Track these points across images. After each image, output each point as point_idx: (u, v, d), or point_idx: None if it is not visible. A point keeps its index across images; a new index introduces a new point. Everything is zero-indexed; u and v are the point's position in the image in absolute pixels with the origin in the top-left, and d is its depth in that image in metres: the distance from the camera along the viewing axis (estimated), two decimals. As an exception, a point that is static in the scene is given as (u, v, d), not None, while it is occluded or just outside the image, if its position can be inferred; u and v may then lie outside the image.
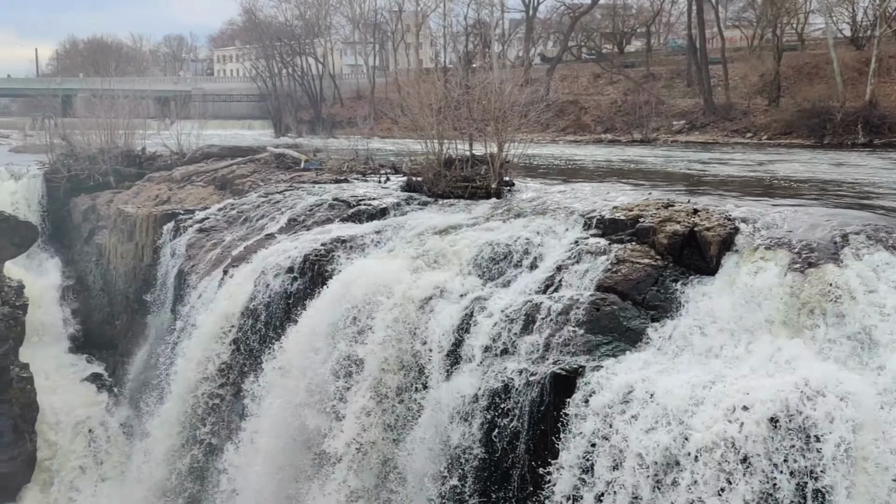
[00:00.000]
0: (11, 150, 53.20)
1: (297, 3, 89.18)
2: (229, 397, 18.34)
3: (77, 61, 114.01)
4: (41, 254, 33.15)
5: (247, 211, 24.07)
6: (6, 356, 24.18)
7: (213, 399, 18.72)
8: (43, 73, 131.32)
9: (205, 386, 18.85)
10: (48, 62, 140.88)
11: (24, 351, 25.43)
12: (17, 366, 24.56)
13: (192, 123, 44.37)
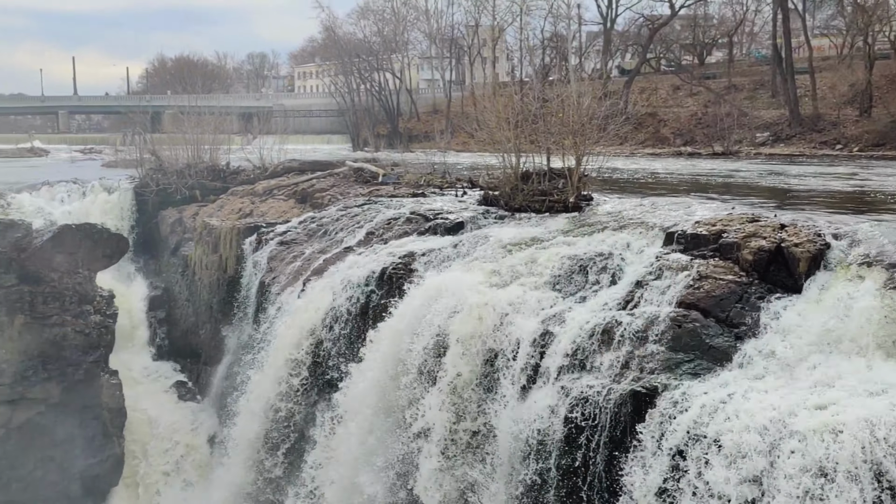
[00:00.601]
0: (104, 165, 55.50)
1: (375, 20, 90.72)
2: (307, 408, 18.63)
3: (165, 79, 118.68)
4: (130, 265, 34.40)
5: (326, 224, 24.48)
6: (97, 363, 25.18)
7: (292, 408, 19.05)
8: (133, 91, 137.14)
9: (283, 395, 19.22)
10: (138, 80, 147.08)
11: (113, 358, 26.43)
12: (107, 372, 25.54)
13: (274, 138, 45.49)
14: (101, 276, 28.66)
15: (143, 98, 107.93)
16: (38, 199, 35.73)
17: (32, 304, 24.70)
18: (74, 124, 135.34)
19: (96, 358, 25.12)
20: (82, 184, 38.27)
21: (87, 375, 24.77)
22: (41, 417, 24.26)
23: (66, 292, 25.41)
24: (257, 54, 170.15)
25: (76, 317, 25.15)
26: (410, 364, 15.23)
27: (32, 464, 23.88)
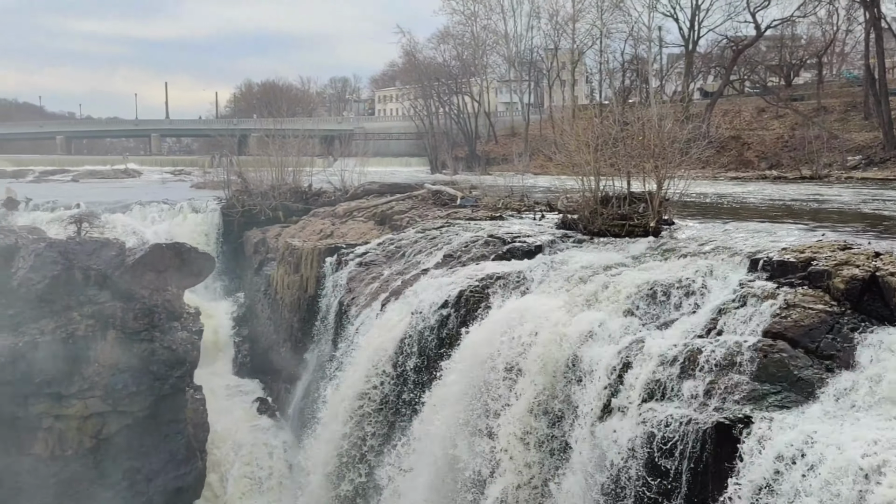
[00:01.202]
0: (193, 186, 57.53)
1: (454, 45, 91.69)
2: (384, 428, 18.77)
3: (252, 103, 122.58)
4: (216, 283, 35.49)
5: (405, 246, 24.73)
6: (182, 378, 25.99)
7: (368, 428, 19.22)
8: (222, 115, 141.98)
9: (360, 415, 19.41)
10: (226, 104, 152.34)
11: (197, 374, 27.24)
12: (192, 388, 26.33)
13: (355, 161, 46.38)
14: (189, 293, 29.65)
15: (230, 122, 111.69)
16: (130, 218, 37.31)
17: (124, 320, 25.73)
18: (166, 147, 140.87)
19: (182, 373, 25.94)
20: (172, 204, 39.76)
21: (173, 390, 25.59)
22: (129, 430, 25.16)
23: (156, 309, 26.37)
24: (339, 79, 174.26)
25: (164, 333, 26.06)
26: (486, 389, 15.19)
27: (120, 474, 24.76)
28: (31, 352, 24.59)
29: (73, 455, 24.59)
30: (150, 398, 25.24)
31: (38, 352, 24.62)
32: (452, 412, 15.84)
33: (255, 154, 50.88)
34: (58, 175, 73.95)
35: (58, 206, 37.64)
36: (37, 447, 24.53)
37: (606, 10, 79.69)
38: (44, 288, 25.60)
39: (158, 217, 38.45)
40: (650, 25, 76.31)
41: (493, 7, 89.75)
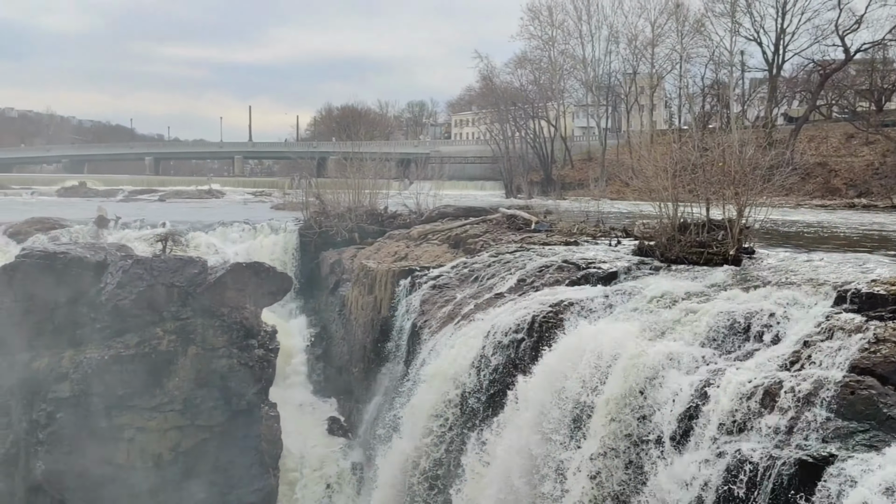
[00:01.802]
0: (273, 207, 58.96)
1: (532, 69, 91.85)
2: (453, 452, 18.71)
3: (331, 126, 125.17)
4: (292, 302, 36.18)
5: (478, 270, 24.75)
6: (258, 395, 26.50)
7: (438, 452, 19.20)
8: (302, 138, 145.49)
9: (430, 438, 19.42)
10: (306, 128, 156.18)
11: (273, 391, 27.74)
12: (267, 405, 26.82)
13: (430, 184, 46.78)
14: (266, 311, 30.28)
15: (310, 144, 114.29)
16: (213, 237, 38.46)
17: (204, 336, 26.44)
18: (248, 168, 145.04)
19: (258, 390, 26.45)
20: (253, 225, 40.81)
21: (249, 406, 26.10)
22: (206, 444, 25.75)
23: (235, 326, 27.01)
24: (417, 103, 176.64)
25: (242, 350, 26.65)
26: (558, 417, 15.00)
27: (196, 487, 25.33)
28: (115, 365, 25.50)
29: (152, 467, 25.29)
30: (227, 413, 25.80)
31: (123, 365, 25.52)
32: (520, 440, 15.68)
33: (333, 176, 51.86)
34: (146, 195, 76.89)
35: (145, 225, 39.14)
36: (119, 457, 25.34)
37: (687, 35, 78.68)
38: (129, 303, 26.54)
39: (239, 237, 39.51)
40: (732, 50, 74.90)
41: (571, 32, 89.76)
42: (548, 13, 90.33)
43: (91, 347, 25.99)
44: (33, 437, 25.48)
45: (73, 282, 26.91)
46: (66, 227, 37.83)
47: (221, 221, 41.17)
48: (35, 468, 25.38)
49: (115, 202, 62.92)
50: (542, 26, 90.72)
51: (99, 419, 25.25)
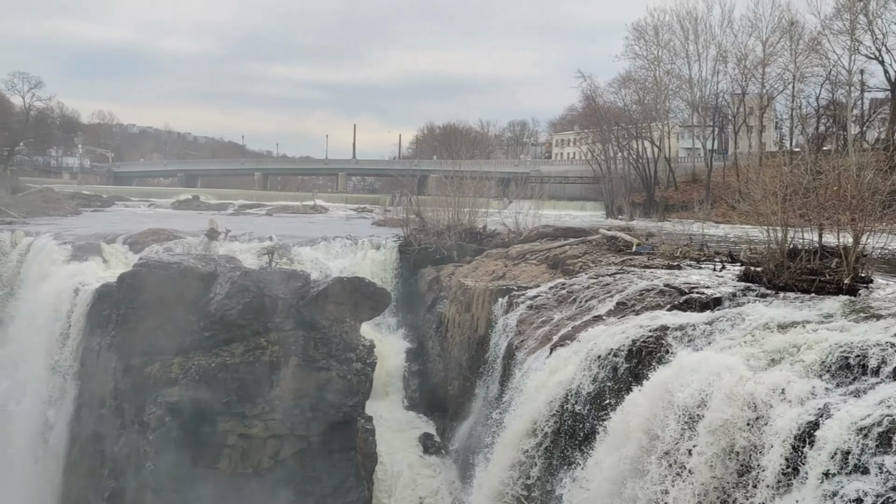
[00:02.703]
0: (374, 223, 60.08)
1: (636, 89, 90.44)
2: (548, 475, 18.48)
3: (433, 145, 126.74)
4: (390, 318, 36.66)
5: (576, 291, 24.46)
6: (355, 408, 26.98)
7: (533, 472, 19.00)
8: (404, 156, 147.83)
9: (525, 460, 19.24)
10: (408, 146, 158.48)
11: (369, 405, 28.18)
12: (363, 418, 27.26)
13: (529, 203, 46.60)
14: (365, 326, 30.84)
15: (411, 162, 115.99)
16: (316, 252, 39.49)
17: (305, 349, 27.16)
18: (351, 185, 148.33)
19: (355, 403, 26.93)
20: (354, 240, 41.66)
21: (346, 419, 26.61)
22: (303, 454, 26.39)
23: (334, 339, 27.64)
24: (518, 122, 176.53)
25: (341, 363, 27.23)
26: (656, 447, 14.58)
27: (293, 495, 25.96)
28: (221, 372, 26.51)
29: (252, 473, 26.10)
30: (325, 425, 26.36)
31: (228, 373, 26.50)
32: (617, 468, 15.32)
33: (433, 194, 52.46)
34: (254, 209, 79.76)
35: (253, 238, 40.58)
36: (221, 463, 26.27)
37: (801, 54, 75.72)
38: (236, 313, 27.57)
39: (341, 252, 40.38)
40: (851, 69, 71.57)
41: (677, 51, 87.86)
42: (654, 32, 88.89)
43: (199, 355, 27.12)
44: (144, 438, 26.72)
45: (184, 291, 28.19)
46: (180, 239, 39.67)
47: (325, 236, 42.19)
48: (144, 469, 26.60)
49: (225, 215, 65.55)
50: (647, 46, 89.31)
51: (204, 424, 26.27)
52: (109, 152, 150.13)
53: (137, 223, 48.07)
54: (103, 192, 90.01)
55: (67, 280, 34.27)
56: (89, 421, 30.04)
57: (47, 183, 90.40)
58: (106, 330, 30.17)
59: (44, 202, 65.55)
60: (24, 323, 34.81)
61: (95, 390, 30.10)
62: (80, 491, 29.97)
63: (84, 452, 30.04)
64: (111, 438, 28.53)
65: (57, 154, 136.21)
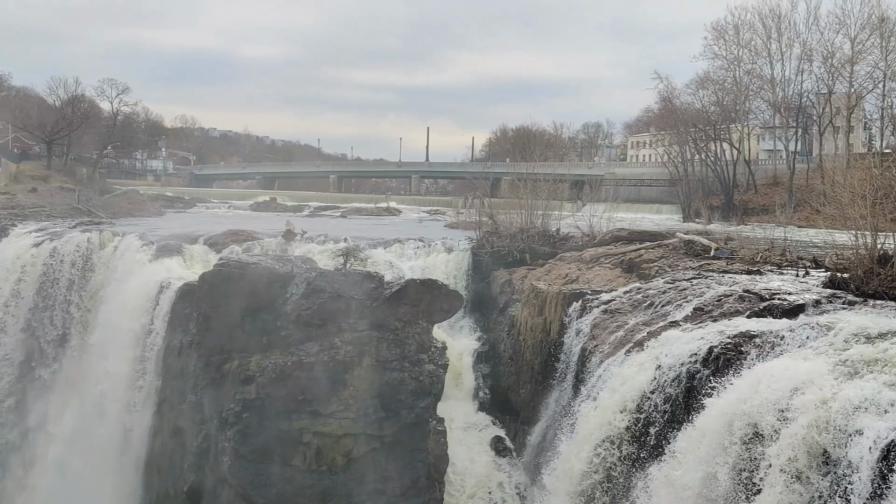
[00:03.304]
0: (446, 226, 60.27)
1: (715, 90, 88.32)
2: (623, 482, 18.20)
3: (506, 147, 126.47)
4: (462, 320, 36.67)
5: (652, 296, 24.04)
6: (427, 409, 27.10)
7: (607, 477, 18.74)
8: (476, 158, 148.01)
9: (598, 466, 18.99)
10: (481, 148, 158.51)
11: (440, 406, 28.25)
12: (435, 419, 27.35)
13: (603, 206, 45.98)
14: (437, 328, 30.95)
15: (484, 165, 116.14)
16: (389, 254, 39.83)
17: (378, 349, 27.43)
18: (423, 187, 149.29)
19: (427, 404, 27.05)
20: (427, 243, 41.86)
21: (418, 420, 26.75)
22: (376, 453, 26.64)
23: (407, 340, 27.84)
24: (592, 124, 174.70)
25: (413, 364, 27.39)
26: (731, 460, 14.18)
27: (365, 494, 26.24)
28: (297, 371, 27.01)
29: (326, 471, 26.50)
30: (397, 425, 26.57)
31: (303, 371, 26.98)
32: (692, 478, 14.96)
33: (506, 196, 52.27)
34: (329, 210, 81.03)
35: (328, 240, 41.20)
36: (296, 459, 26.75)
37: (892, 51, 72.74)
38: (311, 313, 28.05)
39: (414, 254, 40.61)
40: (946, 66, 68.39)
41: (758, 51, 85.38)
42: (734, 32, 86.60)
43: (275, 353, 27.70)
44: (222, 433, 27.44)
45: (262, 291, 28.84)
46: (258, 240, 40.59)
47: (398, 238, 42.52)
48: (222, 462, 27.31)
49: (301, 217, 66.80)
50: (727, 45, 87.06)
51: (280, 421, 26.81)
52: (191, 155, 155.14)
53: (217, 224, 49.41)
54: (185, 194, 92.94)
55: (151, 279, 35.48)
56: (171, 415, 31.03)
57: (133, 185, 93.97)
58: (187, 327, 31.12)
59: (129, 203, 68.10)
60: (110, 319, 36.18)
61: (176, 386, 31.08)
62: (161, 483, 30.98)
63: (165, 445, 31.05)
64: (191, 433, 29.39)
65: (142, 157, 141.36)
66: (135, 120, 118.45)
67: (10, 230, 47.26)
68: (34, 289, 41.02)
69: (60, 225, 48.37)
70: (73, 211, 56.47)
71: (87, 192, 67.21)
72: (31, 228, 47.13)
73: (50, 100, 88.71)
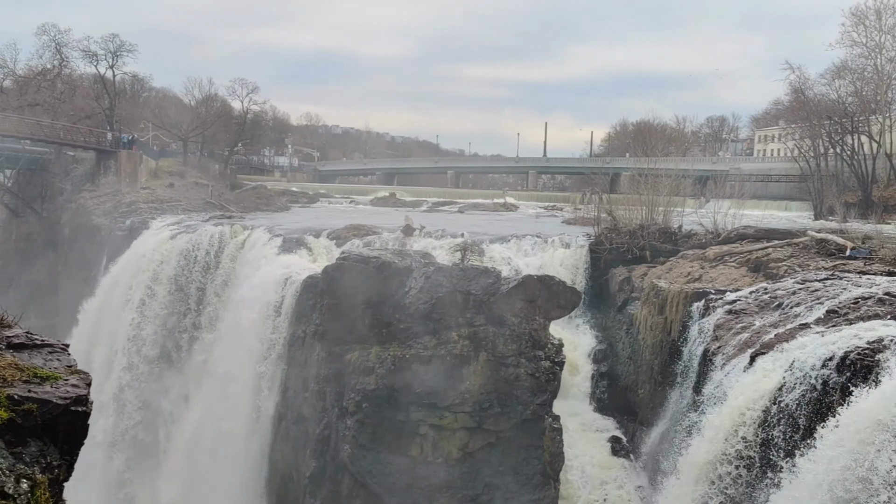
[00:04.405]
0: (564, 222, 59.65)
1: (852, 80, 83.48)
2: (746, 490, 17.57)
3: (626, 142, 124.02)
4: (579, 317, 36.29)
5: (781, 297, 23.04)
6: (543, 406, 27.04)
7: (729, 489, 18.14)
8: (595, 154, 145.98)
9: (720, 473, 18.41)
10: (600, 143, 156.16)
11: (556, 404, 28.10)
12: (551, 417, 27.25)
13: (728, 203, 44.35)
14: (553, 325, 30.78)
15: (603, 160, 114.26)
16: (506, 249, 39.86)
17: (494, 344, 27.58)
18: (541, 183, 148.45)
19: (543, 401, 26.99)
20: (544, 238, 41.63)
21: (534, 416, 26.74)
22: (491, 448, 26.83)
23: (523, 336, 27.84)
24: (717, 118, 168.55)
25: (530, 360, 27.38)
26: (872, 475, 13.41)
27: (480, 488, 26.47)
28: (415, 364, 27.52)
29: (442, 463, 26.89)
30: (513, 421, 26.65)
31: (421, 364, 27.46)
32: (828, 493, 14.24)
33: (625, 192, 51.26)
34: (447, 206, 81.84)
35: (446, 235, 41.67)
36: (413, 450, 27.29)
37: None
38: (429, 307, 28.50)
39: (531, 250, 40.47)
40: None
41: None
42: (875, 17, 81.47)
43: (394, 346, 28.32)
44: (343, 422, 28.32)
45: (382, 284, 29.54)
46: (378, 234, 41.54)
47: (515, 234, 42.49)
48: (342, 451, 28.19)
49: (419, 212, 67.80)
50: (867, 32, 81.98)
51: (398, 412, 27.41)
52: (315, 152, 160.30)
53: (340, 219, 50.89)
54: (309, 189, 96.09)
55: (278, 271, 36.97)
56: (295, 403, 32.27)
57: (260, 181, 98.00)
58: (310, 318, 32.25)
59: (257, 198, 71.08)
60: (239, 308, 37.94)
61: (300, 374, 32.28)
62: (285, 467, 32.30)
63: (289, 431, 32.33)
64: (314, 420, 30.47)
65: (269, 154, 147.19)
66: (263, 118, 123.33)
67: (150, 223, 50.45)
68: (170, 278, 43.60)
69: (195, 218, 51.19)
70: (206, 205, 59.51)
71: (219, 187, 70.67)
72: (169, 221, 50.16)
73: (186, 99, 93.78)
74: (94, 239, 54.96)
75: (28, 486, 7.26)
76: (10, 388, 7.66)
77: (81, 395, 8.08)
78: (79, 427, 8.09)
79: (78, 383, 8.22)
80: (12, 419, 7.44)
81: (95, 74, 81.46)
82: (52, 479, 7.59)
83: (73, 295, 50.72)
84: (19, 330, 8.95)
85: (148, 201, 58.62)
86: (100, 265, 51.05)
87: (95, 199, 61.23)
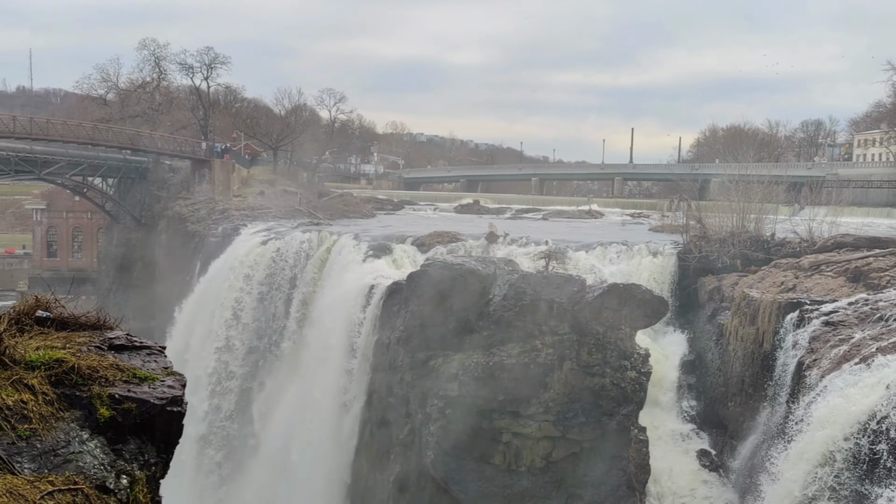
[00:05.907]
0: (650, 229, 58.42)
1: (961, 79, 79.10)
2: None
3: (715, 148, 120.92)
4: (667, 327, 35.46)
5: (883, 308, 21.99)
6: (628, 417, 26.56)
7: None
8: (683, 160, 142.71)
9: (816, 487, 17.68)
10: (688, 149, 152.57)
11: (642, 415, 27.54)
12: (636, 428, 26.73)
13: (825, 210, 42.62)
14: (640, 334, 30.18)
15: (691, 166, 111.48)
16: (591, 257, 39.35)
17: (578, 353, 27.27)
18: (626, 190, 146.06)
19: (628, 412, 26.51)
20: (630, 246, 40.91)
21: (619, 427, 26.29)
22: (575, 458, 26.51)
23: (609, 346, 27.42)
24: (812, 122, 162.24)
25: (615, 370, 26.95)
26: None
27: (563, 499, 26.18)
28: (498, 371, 27.46)
29: (525, 472, 26.72)
30: (598, 431, 26.27)
31: (504, 372, 27.38)
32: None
33: (715, 199, 49.91)
34: (530, 213, 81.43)
35: (529, 242, 41.46)
36: (495, 458, 27.21)
37: None
38: (513, 315, 28.41)
39: (617, 258, 39.81)
40: None
41: None
42: None
43: (477, 353, 28.34)
44: (426, 428, 28.49)
45: (466, 291, 29.62)
46: (462, 241, 41.68)
47: (600, 241, 41.90)
48: (425, 456, 28.35)
49: (503, 219, 67.68)
50: (978, 29, 77.80)
51: (481, 419, 27.39)
52: (400, 159, 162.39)
53: (424, 226, 51.34)
54: (394, 197, 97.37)
55: (364, 277, 37.57)
56: (379, 407, 32.66)
57: (347, 188, 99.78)
58: (395, 324, 32.59)
59: (344, 205, 72.45)
60: (326, 314, 38.71)
61: (384, 379, 32.65)
62: (369, 471, 32.70)
63: (373, 436, 32.73)
64: (397, 426, 30.76)
65: (356, 161, 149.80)
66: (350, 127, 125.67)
67: (242, 229, 52.06)
68: (261, 282, 44.85)
69: (284, 225, 52.57)
70: (294, 212, 61.03)
71: (307, 194, 72.35)
72: (259, 228, 51.66)
73: (276, 109, 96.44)
74: (189, 245, 57.16)
75: (127, 482, 7.57)
76: (112, 388, 8.01)
77: (177, 395, 8.38)
78: (174, 426, 8.39)
79: (174, 384, 8.53)
80: (113, 417, 7.78)
81: (191, 86, 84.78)
82: (149, 476, 7.89)
83: (169, 298, 52.84)
84: (119, 332, 9.34)
85: (240, 208, 60.51)
86: (194, 270, 53.02)
87: (190, 206, 63.67)
